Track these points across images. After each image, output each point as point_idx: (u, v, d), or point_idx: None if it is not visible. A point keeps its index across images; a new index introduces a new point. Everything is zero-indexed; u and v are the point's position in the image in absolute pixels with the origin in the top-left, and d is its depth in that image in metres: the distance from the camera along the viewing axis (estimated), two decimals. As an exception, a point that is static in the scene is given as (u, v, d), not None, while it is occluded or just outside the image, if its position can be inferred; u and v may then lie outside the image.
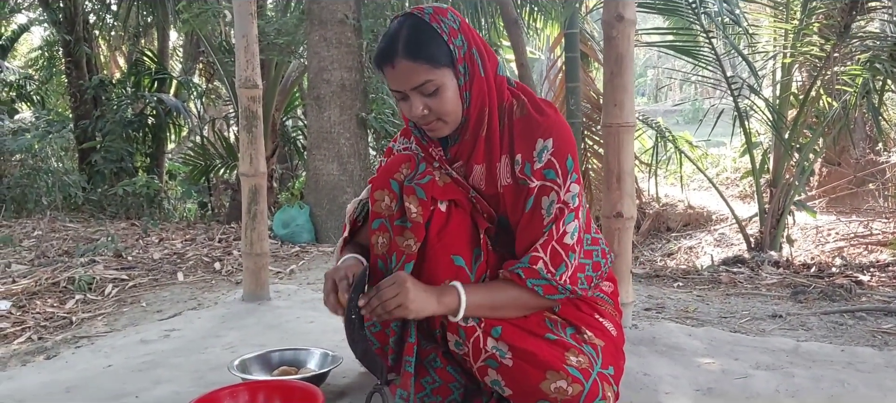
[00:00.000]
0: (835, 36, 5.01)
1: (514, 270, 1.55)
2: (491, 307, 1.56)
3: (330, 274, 1.61)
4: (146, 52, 9.74)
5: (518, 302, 1.57)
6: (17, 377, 2.26)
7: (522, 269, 1.54)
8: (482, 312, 1.56)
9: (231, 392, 1.66)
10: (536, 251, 1.53)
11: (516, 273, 1.54)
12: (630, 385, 1.95)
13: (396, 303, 1.48)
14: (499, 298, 1.57)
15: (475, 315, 1.55)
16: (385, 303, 1.48)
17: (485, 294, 1.56)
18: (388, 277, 1.52)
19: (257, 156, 3.08)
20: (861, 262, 5.12)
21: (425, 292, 1.52)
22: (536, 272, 1.53)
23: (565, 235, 1.54)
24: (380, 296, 1.49)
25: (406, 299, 1.48)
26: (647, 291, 3.78)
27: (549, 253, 1.53)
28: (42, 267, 4.28)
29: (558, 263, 1.54)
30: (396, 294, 1.48)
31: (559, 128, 1.56)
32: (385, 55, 1.53)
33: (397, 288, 1.48)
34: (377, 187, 1.61)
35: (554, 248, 1.53)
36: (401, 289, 1.48)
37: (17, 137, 7.68)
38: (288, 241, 5.61)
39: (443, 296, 1.53)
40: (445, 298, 1.53)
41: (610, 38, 2.39)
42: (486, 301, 1.56)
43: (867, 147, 8.03)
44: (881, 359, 2.24)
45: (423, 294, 1.51)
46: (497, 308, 1.57)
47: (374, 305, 1.49)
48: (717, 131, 6.14)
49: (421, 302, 1.50)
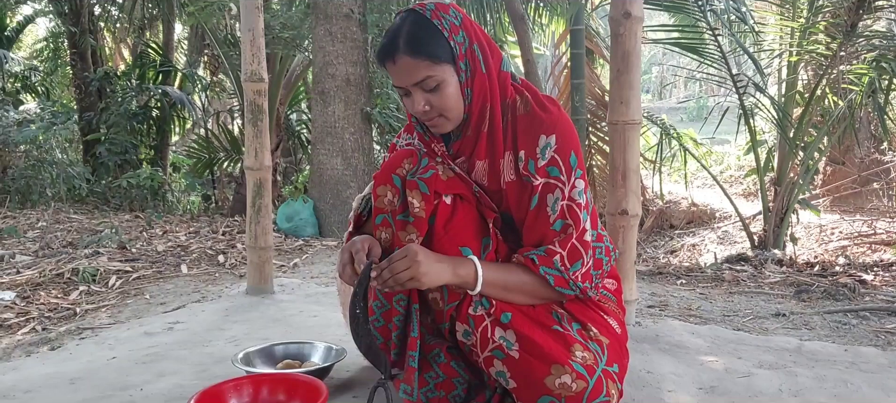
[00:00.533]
0: (841, 34, 5.00)
1: (529, 255, 1.55)
2: (503, 287, 1.56)
3: (346, 248, 1.61)
4: (151, 45, 9.73)
5: (527, 287, 1.57)
6: (21, 368, 2.26)
7: (538, 256, 1.54)
8: (495, 290, 1.56)
9: (235, 386, 1.66)
10: (553, 246, 1.54)
11: (531, 258, 1.55)
12: (633, 383, 1.95)
13: (408, 275, 1.48)
14: (511, 279, 1.57)
15: (488, 292, 1.55)
16: (397, 276, 1.48)
17: (499, 272, 1.57)
18: (399, 250, 1.52)
19: (262, 149, 3.09)
20: (865, 262, 5.11)
21: (439, 262, 1.51)
22: (551, 262, 1.53)
23: (585, 232, 1.55)
24: (391, 268, 1.49)
25: (418, 271, 1.47)
26: (650, 289, 3.78)
27: (569, 249, 1.54)
28: (46, 259, 4.29)
29: (575, 260, 1.55)
30: (408, 266, 1.48)
31: (562, 125, 1.56)
32: (387, 51, 1.54)
33: (409, 260, 1.48)
34: (379, 182, 1.61)
35: (573, 245, 1.54)
36: (412, 262, 1.48)
37: (22, 128, 7.68)
38: (291, 235, 5.62)
39: (459, 267, 1.53)
40: (461, 269, 1.53)
41: (617, 35, 2.39)
42: (500, 279, 1.56)
43: (872, 146, 8.02)
44: (885, 359, 2.24)
45: (437, 264, 1.50)
46: (509, 289, 1.57)
47: (386, 277, 1.49)
48: (721, 129, 6.13)
49: (434, 272, 1.50)
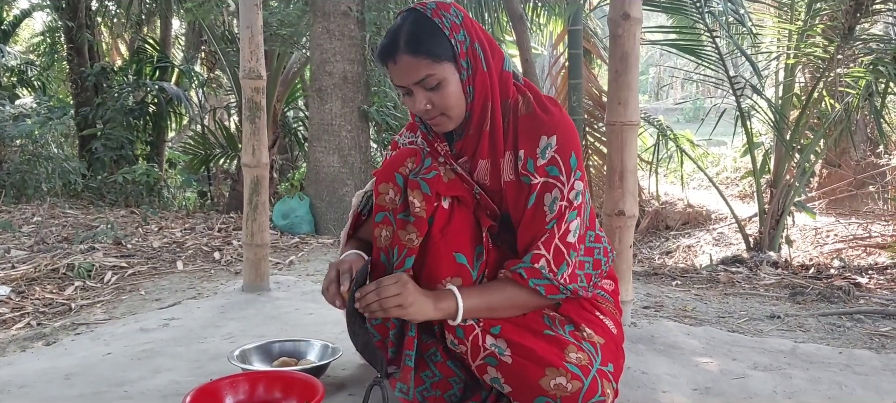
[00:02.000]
0: (838, 38, 5.01)
1: (516, 270, 1.55)
2: (488, 309, 1.57)
3: (334, 266, 1.61)
4: (148, 40, 9.72)
5: (517, 301, 1.58)
6: (16, 363, 2.26)
7: (524, 269, 1.54)
8: (480, 314, 1.56)
9: (231, 383, 1.66)
10: (538, 248, 1.53)
11: (518, 273, 1.54)
12: (628, 383, 1.95)
13: (396, 303, 1.48)
14: (496, 299, 1.57)
15: (473, 317, 1.56)
16: (383, 301, 1.48)
17: (482, 296, 1.56)
18: (390, 275, 1.53)
19: (260, 146, 3.08)
20: (860, 264, 5.12)
21: (423, 297, 1.52)
22: (538, 271, 1.53)
23: (568, 233, 1.55)
24: (379, 293, 1.48)
25: (406, 301, 1.48)
26: (645, 289, 3.79)
27: (553, 251, 1.54)
28: (41, 254, 4.29)
29: (560, 262, 1.54)
30: (397, 293, 1.48)
31: (563, 126, 1.57)
32: (387, 51, 1.54)
33: (399, 287, 1.48)
34: (381, 180, 1.61)
35: (557, 246, 1.54)
36: (403, 289, 1.48)
37: (18, 123, 7.67)
38: (287, 232, 5.62)
39: (440, 302, 1.53)
40: (442, 304, 1.53)
41: (615, 36, 2.39)
42: (484, 303, 1.56)
43: (868, 149, 8.04)
44: (879, 362, 2.25)
45: (422, 298, 1.51)
46: (495, 309, 1.57)
47: (371, 300, 1.49)
48: (718, 130, 6.15)
49: (419, 306, 1.51)
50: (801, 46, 5.47)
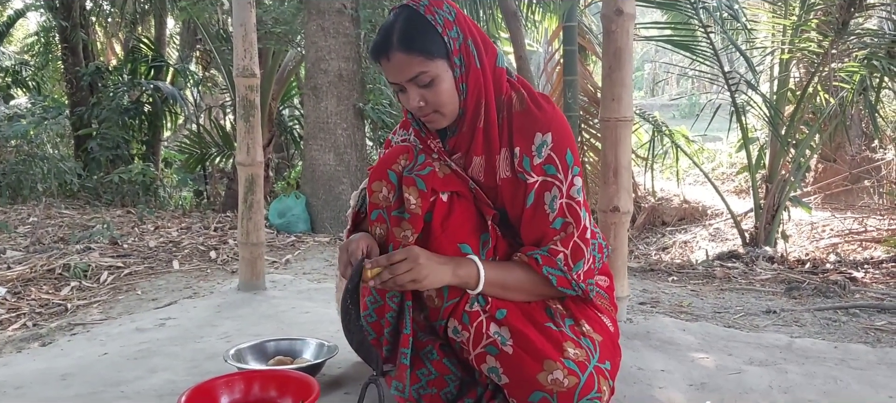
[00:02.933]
0: (833, 32, 5.02)
1: (533, 255, 1.55)
2: (502, 286, 1.57)
3: (344, 247, 1.61)
4: (143, 40, 9.70)
5: (527, 286, 1.58)
6: (12, 363, 2.26)
7: (541, 256, 1.55)
8: (494, 290, 1.56)
9: (227, 382, 1.66)
10: (556, 245, 1.54)
11: (534, 258, 1.55)
12: (624, 379, 1.96)
13: (410, 278, 1.48)
14: (511, 278, 1.58)
15: (487, 291, 1.56)
16: (397, 277, 1.48)
17: (499, 271, 1.57)
18: (398, 250, 1.52)
19: (254, 145, 3.08)
20: (855, 259, 5.14)
21: (440, 263, 1.52)
22: (554, 261, 1.54)
23: (585, 230, 1.56)
24: (392, 270, 1.49)
25: (419, 273, 1.48)
26: (641, 285, 3.79)
27: (572, 248, 1.55)
28: (37, 254, 4.28)
29: (578, 259, 1.56)
30: (409, 267, 1.48)
31: (558, 123, 1.57)
32: (381, 48, 1.55)
33: (411, 262, 1.49)
34: (375, 178, 1.61)
35: (576, 244, 1.55)
36: (414, 263, 1.48)
37: (13, 123, 7.64)
38: (283, 231, 5.61)
39: (459, 268, 1.53)
40: (462, 270, 1.53)
41: (609, 33, 2.39)
42: (500, 278, 1.57)
43: (863, 144, 8.07)
44: (874, 356, 2.26)
45: (438, 265, 1.51)
46: (508, 288, 1.58)
47: (385, 278, 1.49)
48: (713, 126, 6.15)
49: (435, 273, 1.51)
50: (795, 41, 5.48)
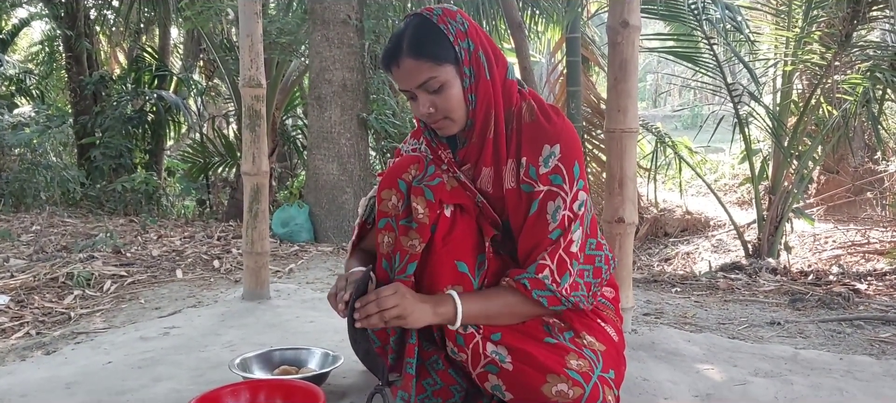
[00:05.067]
0: (836, 45, 5.03)
1: (520, 280, 1.55)
2: (487, 316, 1.57)
3: (342, 277, 1.63)
4: (147, 49, 9.74)
5: (516, 310, 1.58)
6: (16, 372, 2.25)
7: (529, 280, 1.54)
8: (478, 321, 1.57)
9: (232, 391, 1.66)
10: (544, 259, 1.54)
11: (522, 283, 1.55)
12: (629, 391, 1.95)
13: (396, 314, 1.49)
14: (495, 306, 1.57)
15: (472, 323, 1.56)
16: (384, 313, 1.48)
17: (481, 302, 1.57)
18: (388, 285, 1.53)
19: (260, 154, 3.09)
20: (858, 271, 5.13)
21: (422, 302, 1.52)
22: (542, 283, 1.54)
23: (571, 244, 1.56)
24: (379, 304, 1.49)
25: (405, 310, 1.49)
26: (645, 296, 3.79)
27: (557, 261, 1.54)
28: (40, 262, 4.28)
29: (563, 271, 1.55)
30: (396, 304, 1.48)
31: (567, 135, 1.57)
32: (391, 55, 1.56)
33: (398, 298, 1.49)
34: (384, 186, 1.62)
35: (561, 257, 1.54)
36: (401, 300, 1.49)
37: (17, 132, 7.66)
38: (287, 240, 5.61)
39: (438, 306, 1.54)
40: (441, 309, 1.54)
41: (614, 44, 2.40)
42: (483, 310, 1.57)
43: (866, 156, 8.06)
44: (880, 368, 2.25)
45: (420, 305, 1.52)
46: (493, 317, 1.58)
47: (371, 311, 1.49)
48: (716, 137, 6.16)
49: (418, 312, 1.51)
50: (798, 53, 5.48)
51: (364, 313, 1.50)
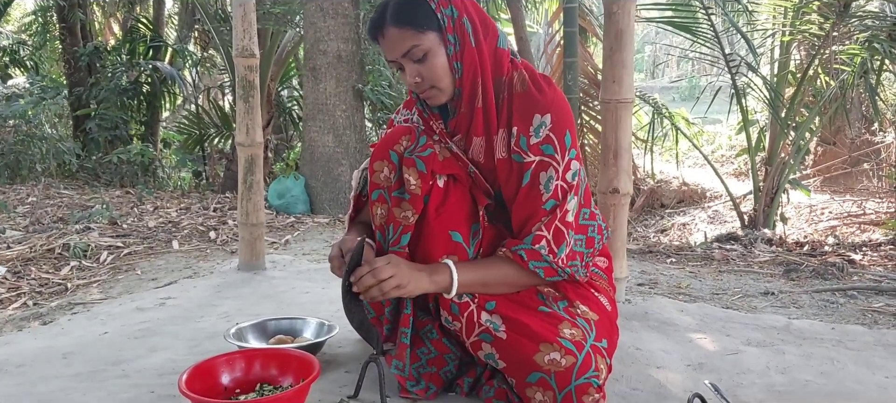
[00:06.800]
0: (834, 15, 5.00)
1: (517, 251, 1.55)
2: (483, 284, 1.58)
3: (336, 245, 1.64)
4: (141, 20, 9.64)
5: (511, 279, 1.59)
6: (13, 342, 2.26)
7: (525, 251, 1.55)
8: (474, 289, 1.57)
9: (227, 360, 1.66)
10: (540, 230, 1.54)
11: (519, 254, 1.55)
12: (622, 359, 1.97)
13: (393, 285, 1.49)
14: (491, 275, 1.58)
15: (467, 291, 1.57)
16: (382, 285, 1.49)
17: (477, 271, 1.57)
18: (382, 257, 1.53)
19: (254, 126, 3.07)
20: (853, 241, 5.15)
21: (418, 271, 1.53)
22: (538, 254, 1.54)
23: (567, 213, 1.56)
24: (375, 275, 1.49)
25: (402, 281, 1.49)
26: (640, 267, 3.80)
27: (553, 231, 1.55)
28: (37, 234, 4.28)
29: (560, 242, 1.55)
30: (392, 274, 1.49)
31: (558, 105, 1.56)
32: (376, 25, 1.56)
33: (393, 268, 1.49)
34: (376, 158, 1.62)
35: (557, 228, 1.55)
36: (397, 269, 1.49)
37: (11, 103, 7.62)
38: (282, 212, 5.61)
39: (434, 275, 1.54)
40: (437, 277, 1.54)
41: (610, 14, 2.38)
42: (478, 278, 1.57)
43: (863, 127, 8.06)
44: (871, 337, 2.27)
45: (417, 274, 1.52)
46: (489, 285, 1.58)
47: (368, 283, 1.49)
48: (713, 108, 6.14)
49: (415, 281, 1.52)
50: (796, 23, 5.46)
51: (361, 285, 1.50)
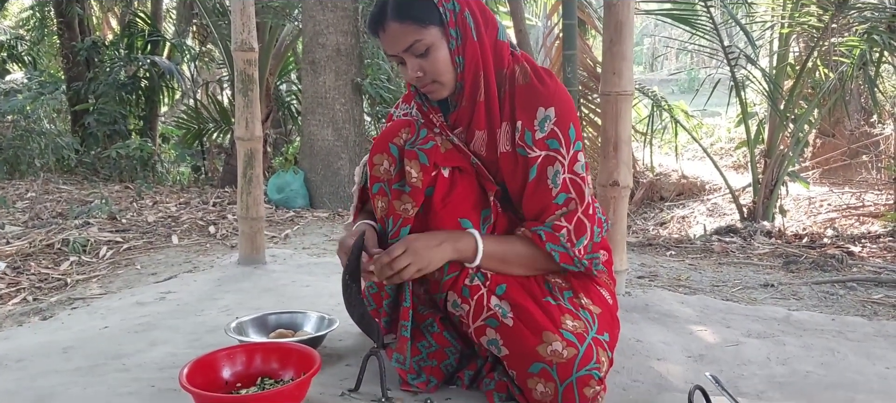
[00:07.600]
0: (833, 6, 4.99)
1: (536, 231, 1.56)
2: (502, 259, 1.58)
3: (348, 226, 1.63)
4: (139, 14, 9.61)
5: (527, 260, 1.59)
6: (13, 337, 2.27)
7: (544, 232, 1.55)
8: (493, 263, 1.57)
9: (228, 354, 1.66)
10: (559, 220, 1.55)
11: (538, 233, 1.56)
12: (623, 352, 1.97)
13: (413, 270, 1.50)
14: (511, 252, 1.58)
15: (486, 265, 1.57)
16: (402, 273, 1.50)
17: (498, 245, 1.58)
18: (397, 243, 1.53)
19: (253, 119, 3.07)
20: (853, 233, 5.15)
21: (437, 245, 1.52)
22: (557, 238, 1.55)
23: (589, 206, 1.57)
24: (393, 267, 1.49)
25: (421, 263, 1.50)
26: (640, 259, 3.80)
27: (575, 224, 1.56)
28: (36, 229, 4.27)
29: (581, 234, 1.57)
30: (409, 262, 1.49)
31: (560, 97, 1.56)
32: (376, 20, 1.55)
33: (410, 255, 1.50)
34: (376, 151, 1.61)
35: (580, 220, 1.56)
36: (414, 256, 1.50)
37: (9, 98, 7.61)
38: (282, 206, 5.61)
39: (458, 242, 1.54)
40: (461, 243, 1.54)
41: (610, 6, 2.38)
42: (499, 252, 1.57)
43: (862, 119, 8.05)
44: (871, 328, 2.27)
45: (437, 247, 1.52)
46: (508, 262, 1.58)
47: (387, 273, 1.50)
48: (712, 101, 6.13)
49: (437, 256, 1.52)
50: (795, 15, 5.45)
51: (381, 275, 1.51)
